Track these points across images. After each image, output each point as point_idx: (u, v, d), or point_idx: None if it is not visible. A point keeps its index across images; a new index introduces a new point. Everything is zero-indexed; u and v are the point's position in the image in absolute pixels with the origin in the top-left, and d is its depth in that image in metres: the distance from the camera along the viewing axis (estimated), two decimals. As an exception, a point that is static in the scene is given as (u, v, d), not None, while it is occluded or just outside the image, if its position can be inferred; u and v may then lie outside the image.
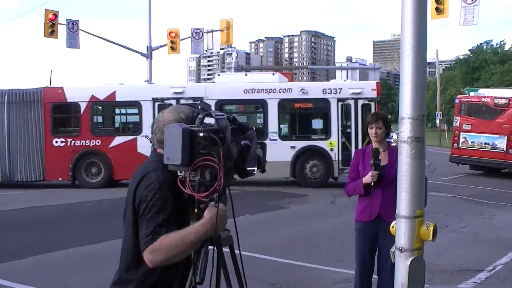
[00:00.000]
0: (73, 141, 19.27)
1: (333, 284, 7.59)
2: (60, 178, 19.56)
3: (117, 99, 19.62)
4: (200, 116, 2.64)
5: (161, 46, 29.98)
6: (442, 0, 21.19)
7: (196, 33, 29.61)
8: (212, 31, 30.35)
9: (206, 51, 33.09)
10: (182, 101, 18.26)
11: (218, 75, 22.26)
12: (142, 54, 30.39)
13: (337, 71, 42.30)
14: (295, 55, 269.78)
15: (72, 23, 26.01)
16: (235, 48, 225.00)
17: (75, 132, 19.73)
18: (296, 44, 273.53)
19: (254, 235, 10.83)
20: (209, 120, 2.66)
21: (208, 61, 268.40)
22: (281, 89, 19.39)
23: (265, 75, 22.19)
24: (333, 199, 15.50)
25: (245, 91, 19.11)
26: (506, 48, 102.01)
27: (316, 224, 12.20)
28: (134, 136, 19.31)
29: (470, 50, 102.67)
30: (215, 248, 2.69)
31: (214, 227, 2.54)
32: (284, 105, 19.36)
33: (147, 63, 30.37)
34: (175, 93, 19.32)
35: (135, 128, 20.04)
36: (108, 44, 34.89)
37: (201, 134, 2.51)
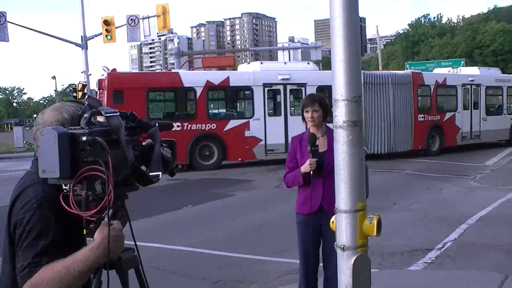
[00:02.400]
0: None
1: (280, 276, 7.21)
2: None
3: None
4: (86, 115, 2.12)
5: (96, 36, 29.08)
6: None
7: (131, 20, 28.80)
8: (148, 17, 29.58)
9: (145, 38, 32.22)
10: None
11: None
12: (77, 44, 29.45)
13: (279, 52, 41.96)
14: (238, 37, 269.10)
15: (-1, 15, 24.89)
16: (176, 34, 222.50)
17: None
18: (237, 26, 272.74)
19: (197, 228, 10.38)
20: (98, 119, 2.17)
21: (150, 48, 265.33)
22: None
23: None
24: (279, 183, 15.12)
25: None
26: (444, 21, 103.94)
27: (261, 212, 11.79)
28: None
29: (409, 24, 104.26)
30: (117, 274, 2.20)
31: (106, 251, 2.05)
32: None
33: (83, 53, 29.43)
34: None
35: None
36: (42, 37, 33.56)
37: (85, 138, 2.00)
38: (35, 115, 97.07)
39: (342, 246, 2.62)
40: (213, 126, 19.59)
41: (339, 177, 2.64)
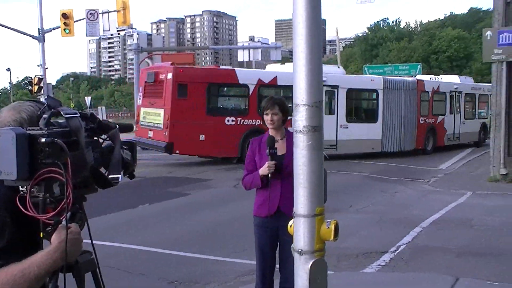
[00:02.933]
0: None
1: (236, 277, 7.22)
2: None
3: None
4: (45, 115, 2.08)
5: (54, 29, 28.51)
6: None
7: (91, 14, 28.41)
8: (108, 12, 29.21)
9: (104, 33, 31.81)
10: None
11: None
12: (33, 37, 28.82)
13: (239, 51, 41.92)
14: (198, 35, 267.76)
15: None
16: (136, 29, 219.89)
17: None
18: (198, 24, 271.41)
19: (153, 227, 10.30)
20: (57, 120, 2.13)
21: (109, 43, 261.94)
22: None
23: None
24: (237, 182, 15.12)
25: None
26: (402, 25, 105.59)
27: (218, 211, 11.78)
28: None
29: (368, 27, 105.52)
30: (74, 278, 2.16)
31: (63, 255, 2.01)
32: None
33: (40, 46, 28.85)
34: None
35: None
36: (-3, 28, 32.75)
37: (43, 140, 1.96)
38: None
39: (300, 250, 2.62)
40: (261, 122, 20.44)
41: (298, 181, 2.64)
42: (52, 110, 2.12)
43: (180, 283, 7.02)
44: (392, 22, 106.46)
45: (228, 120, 20.08)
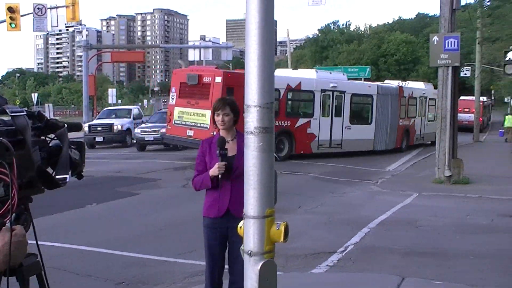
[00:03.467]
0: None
1: (184, 278, 7.16)
2: None
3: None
4: (-10, 114, 2.02)
5: (-1, 22, 27.81)
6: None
7: (38, 8, 27.82)
8: (57, 7, 28.70)
9: (52, 28, 31.17)
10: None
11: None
12: (-23, 31, 28.03)
13: (189, 50, 41.75)
14: (148, 33, 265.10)
15: None
16: (85, 25, 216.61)
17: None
18: (149, 22, 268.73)
19: (101, 227, 10.16)
20: (3, 118, 2.06)
21: (57, 39, 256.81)
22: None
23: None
24: (186, 182, 15.04)
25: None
26: (352, 28, 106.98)
27: (166, 212, 11.69)
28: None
29: (318, 30, 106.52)
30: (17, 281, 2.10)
31: (7, 258, 1.95)
32: None
33: (-16, 40, 28.06)
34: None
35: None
36: None
37: (-13, 139, 1.90)
38: None
39: (249, 252, 2.63)
40: (288, 123, 22.24)
41: (248, 182, 2.65)
42: (-2, 108, 2.06)
43: (127, 284, 6.92)
44: (343, 25, 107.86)
45: None
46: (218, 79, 19.69)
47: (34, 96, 64.09)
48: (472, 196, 14.01)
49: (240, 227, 2.74)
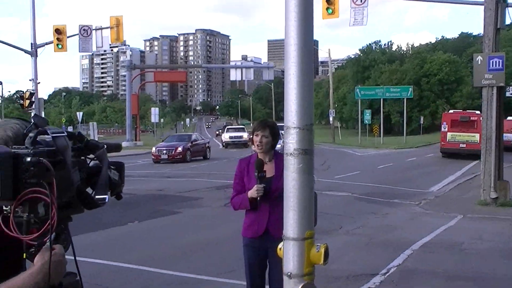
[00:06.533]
0: None
1: (224, 298, 7.15)
2: None
3: None
4: (31, 134, 2.04)
5: (46, 44, 28.58)
6: (333, 0, 21.43)
7: (84, 30, 28.48)
8: (101, 28, 29.33)
9: (97, 49, 31.90)
10: None
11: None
12: (26, 51, 28.85)
13: (232, 70, 42.07)
14: (191, 53, 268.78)
15: None
16: (129, 46, 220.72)
17: None
18: (191, 42, 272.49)
19: (142, 245, 10.23)
20: (44, 139, 2.08)
21: (102, 59, 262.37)
22: None
23: None
24: (227, 201, 15.04)
25: None
26: (393, 48, 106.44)
27: (207, 231, 11.72)
28: None
29: (360, 50, 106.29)
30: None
31: (47, 277, 1.97)
32: None
33: (32, 61, 28.87)
34: None
35: None
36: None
37: (29, 159, 1.92)
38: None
39: (289, 274, 2.60)
40: None
41: (288, 204, 2.61)
42: (39, 129, 2.08)
43: (167, 303, 6.94)
44: (384, 44, 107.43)
45: None
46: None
47: (79, 115, 65.32)
48: (519, 219, 13.65)
49: (280, 248, 2.71)
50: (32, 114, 2.22)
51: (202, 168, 28.14)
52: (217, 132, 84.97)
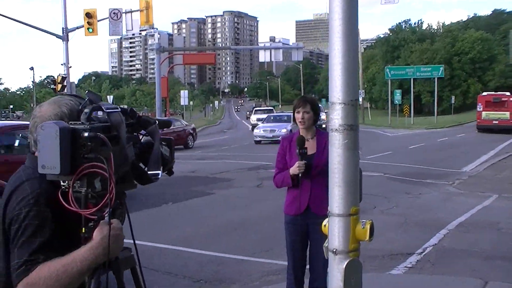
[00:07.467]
0: None
1: (262, 277, 7.19)
2: None
3: None
4: (86, 110, 2.06)
5: (77, 28, 28.76)
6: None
7: (114, 13, 28.57)
8: (131, 11, 29.37)
9: (127, 32, 32.01)
10: None
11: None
12: (57, 36, 29.10)
13: (260, 51, 41.91)
14: (218, 35, 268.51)
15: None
16: (157, 29, 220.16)
17: None
18: (219, 24, 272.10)
19: (177, 225, 10.34)
20: (98, 114, 2.10)
21: (130, 42, 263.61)
22: None
23: None
24: (260, 182, 15.12)
25: None
26: (424, 27, 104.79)
27: (241, 211, 11.76)
28: None
29: (390, 29, 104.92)
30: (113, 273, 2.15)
31: (106, 251, 2.00)
32: None
33: (64, 45, 29.10)
34: None
35: None
36: (21, 26, 33.04)
37: (86, 134, 1.94)
38: (11, 106, 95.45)
39: (334, 250, 2.59)
40: None
41: (333, 180, 2.60)
42: (94, 104, 2.10)
43: (205, 282, 7.01)
44: (414, 23, 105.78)
45: None
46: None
47: (110, 98, 65.86)
48: (556, 198, 13.44)
49: (325, 225, 2.71)
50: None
51: (232, 150, 28.30)
52: (247, 115, 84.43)
